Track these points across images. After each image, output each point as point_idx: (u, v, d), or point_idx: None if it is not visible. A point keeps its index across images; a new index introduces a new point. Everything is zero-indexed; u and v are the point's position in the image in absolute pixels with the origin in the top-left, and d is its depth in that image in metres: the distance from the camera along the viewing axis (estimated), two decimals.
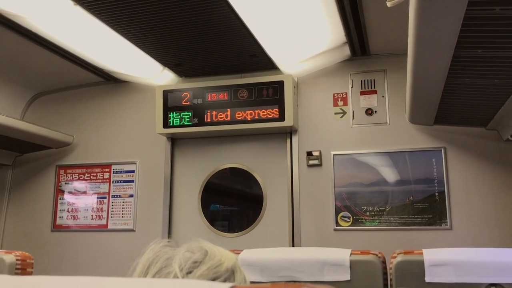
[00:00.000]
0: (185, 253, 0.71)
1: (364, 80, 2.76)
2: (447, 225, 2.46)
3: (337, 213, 2.64)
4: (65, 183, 3.17)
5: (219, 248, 0.82)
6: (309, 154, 2.75)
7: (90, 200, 3.11)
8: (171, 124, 2.88)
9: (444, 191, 2.49)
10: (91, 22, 2.21)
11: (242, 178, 2.95)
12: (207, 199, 2.97)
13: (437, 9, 1.23)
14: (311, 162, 2.73)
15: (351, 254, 1.43)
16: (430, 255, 1.36)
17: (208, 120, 2.82)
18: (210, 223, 2.91)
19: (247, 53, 2.66)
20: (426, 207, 2.51)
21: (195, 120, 2.84)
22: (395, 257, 1.40)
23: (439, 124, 2.50)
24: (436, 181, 2.52)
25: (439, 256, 1.36)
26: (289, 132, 2.84)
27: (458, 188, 2.48)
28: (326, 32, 2.42)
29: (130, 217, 3.00)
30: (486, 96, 1.97)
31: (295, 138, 2.82)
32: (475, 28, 1.34)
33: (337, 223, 2.63)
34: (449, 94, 1.98)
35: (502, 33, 1.36)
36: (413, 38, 1.49)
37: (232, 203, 3.08)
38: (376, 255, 1.44)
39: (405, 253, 1.40)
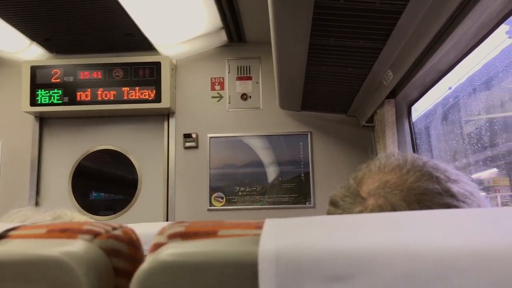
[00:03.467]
0: (37, 216, 0.72)
1: (240, 66, 2.85)
2: (311, 203, 2.66)
3: (211, 194, 2.71)
4: None
5: (76, 214, 0.84)
6: (186, 136, 2.78)
7: None
8: (39, 102, 2.71)
9: (309, 172, 2.69)
10: None
11: (117, 160, 2.88)
12: (79, 182, 2.85)
13: None
14: (187, 144, 2.77)
15: None
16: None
17: (80, 99, 2.71)
18: (82, 207, 2.80)
19: (123, 32, 2.60)
20: (293, 187, 2.69)
21: (66, 99, 2.71)
22: None
23: (305, 110, 2.68)
24: (302, 163, 2.71)
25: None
26: (166, 114, 2.84)
27: (321, 170, 2.70)
28: (203, 16, 2.46)
29: None
30: (343, 84, 2.16)
31: (172, 121, 2.83)
32: (325, 18, 1.47)
33: (211, 203, 2.70)
34: (311, 81, 2.14)
35: (348, 23, 1.50)
36: (273, 27, 1.59)
37: (106, 186, 3.00)
38: None
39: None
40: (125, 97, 2.70)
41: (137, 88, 2.71)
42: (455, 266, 0.33)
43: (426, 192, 0.54)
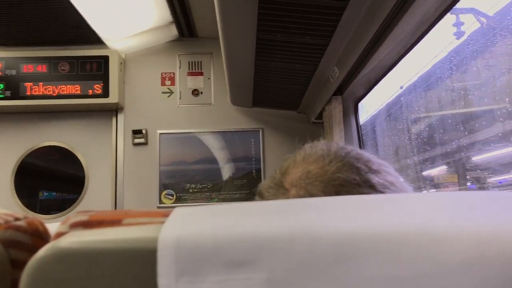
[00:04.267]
0: None
1: (192, 62, 2.82)
2: None
3: (161, 191, 2.66)
4: None
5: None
6: (135, 132, 2.72)
7: None
8: None
9: (260, 169, 2.69)
10: None
11: (63, 157, 2.78)
12: (22, 180, 2.73)
13: None
14: (136, 140, 2.71)
15: None
16: None
17: (24, 93, 2.60)
18: (26, 206, 2.69)
19: (69, 24, 2.51)
20: (244, 183, 2.69)
21: (8, 93, 2.59)
22: None
23: (257, 107, 2.68)
24: (254, 159, 2.71)
25: None
26: (115, 110, 2.77)
27: (273, 166, 2.71)
28: (152, 10, 2.41)
29: None
30: (292, 81, 2.17)
31: (120, 116, 2.76)
32: (270, 12, 1.47)
33: (160, 201, 2.66)
34: (260, 77, 2.15)
35: (293, 19, 1.51)
36: (220, 21, 1.57)
37: (51, 184, 2.89)
38: None
39: None
40: (71, 92, 2.61)
41: (84, 82, 2.62)
42: (355, 249, 0.33)
43: (345, 183, 0.54)
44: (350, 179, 0.54)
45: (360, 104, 2.27)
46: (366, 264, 0.33)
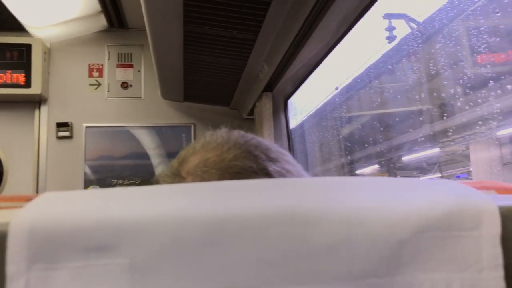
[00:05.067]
0: None
1: (121, 53, 2.73)
2: None
3: (86, 187, 2.56)
4: None
5: None
6: (59, 125, 2.59)
7: None
8: None
9: None
10: None
11: None
12: None
13: None
14: (60, 134, 2.58)
15: None
16: None
17: None
18: None
19: None
20: None
21: None
22: None
23: (188, 101, 2.65)
24: None
25: None
26: (38, 101, 2.62)
27: None
28: None
29: None
30: (222, 76, 2.16)
31: (44, 108, 2.62)
32: (197, 3, 1.45)
33: None
34: (190, 71, 2.11)
35: (220, 11, 1.50)
36: (145, 11, 1.53)
37: None
38: None
39: None
40: None
41: (4, 71, 2.47)
42: (225, 233, 0.33)
43: (241, 171, 0.53)
44: (247, 167, 0.54)
45: (289, 101, 2.30)
46: (235, 247, 0.32)
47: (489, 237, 0.35)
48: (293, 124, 2.42)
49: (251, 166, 0.54)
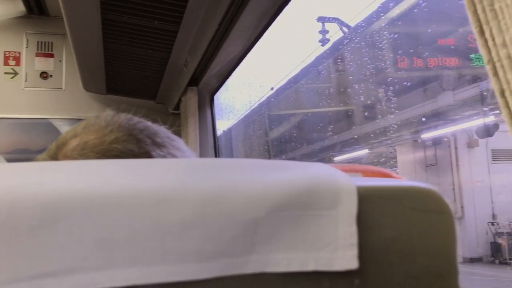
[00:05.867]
0: None
1: (41, 42, 2.59)
2: None
3: None
4: None
5: None
6: None
7: None
8: None
9: None
10: None
11: None
12: None
13: None
14: None
15: None
16: None
17: None
18: None
19: None
20: None
21: None
22: None
23: (112, 94, 2.56)
24: None
25: None
26: None
27: None
28: None
29: None
30: (146, 68, 2.11)
31: None
32: None
33: None
34: (112, 62, 2.05)
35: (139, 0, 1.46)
36: None
37: None
38: None
39: None
40: None
41: None
42: (65, 211, 0.31)
43: (120, 154, 0.52)
44: (127, 150, 0.52)
45: (215, 97, 2.29)
46: (77, 226, 0.31)
47: (345, 216, 0.36)
48: (227, 124, 2.42)
49: (132, 149, 0.52)
